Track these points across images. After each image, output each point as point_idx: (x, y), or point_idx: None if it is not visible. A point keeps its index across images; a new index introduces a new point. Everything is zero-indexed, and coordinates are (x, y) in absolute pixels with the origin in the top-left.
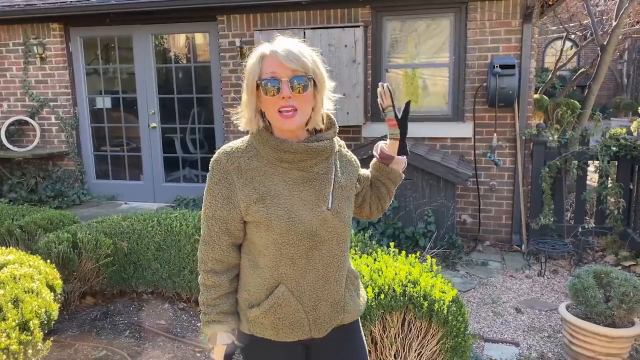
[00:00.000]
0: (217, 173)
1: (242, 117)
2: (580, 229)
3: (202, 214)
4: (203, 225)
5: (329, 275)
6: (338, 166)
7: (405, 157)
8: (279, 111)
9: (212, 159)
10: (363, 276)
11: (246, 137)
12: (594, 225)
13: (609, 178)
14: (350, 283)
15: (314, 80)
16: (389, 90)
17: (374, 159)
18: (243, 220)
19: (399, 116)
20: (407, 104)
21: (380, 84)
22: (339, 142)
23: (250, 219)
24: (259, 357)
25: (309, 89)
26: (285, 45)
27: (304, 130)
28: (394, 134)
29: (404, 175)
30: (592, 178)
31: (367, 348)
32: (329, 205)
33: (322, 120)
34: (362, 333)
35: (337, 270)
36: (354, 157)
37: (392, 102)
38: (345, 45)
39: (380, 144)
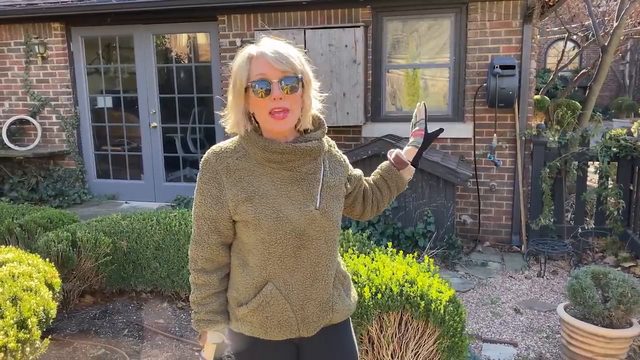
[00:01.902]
0: (206, 173)
1: (229, 119)
2: (580, 230)
3: (193, 214)
4: (194, 225)
5: (317, 275)
6: (327, 166)
7: (414, 169)
8: (270, 113)
9: (202, 159)
10: (360, 275)
11: (235, 138)
12: (593, 226)
13: (609, 179)
14: (338, 282)
15: (302, 81)
16: (424, 108)
17: (386, 162)
18: (232, 220)
19: (429, 131)
20: (439, 130)
21: (419, 103)
22: (329, 142)
23: (239, 218)
24: (249, 356)
25: (298, 90)
26: (272, 46)
27: (293, 130)
28: (417, 142)
29: (407, 186)
30: (592, 179)
31: (357, 348)
32: (317, 205)
33: (311, 120)
34: (353, 333)
35: (325, 270)
36: (343, 157)
37: (426, 118)
38: (346, 46)
39: (396, 150)
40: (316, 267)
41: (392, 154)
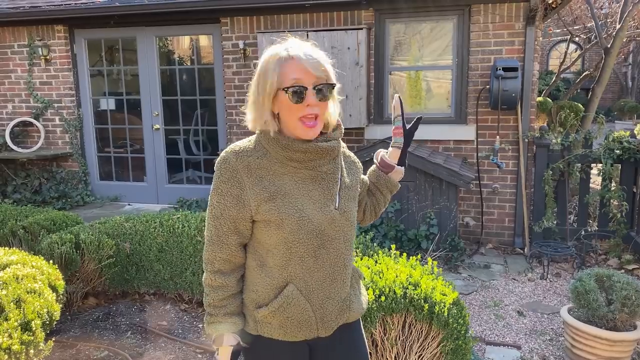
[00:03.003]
0: (225, 172)
1: (255, 118)
2: (583, 232)
3: (209, 214)
4: (209, 226)
5: (336, 274)
6: (343, 166)
7: (403, 168)
8: (301, 119)
9: (219, 159)
10: (364, 278)
11: (253, 137)
12: (597, 228)
13: (612, 181)
14: (355, 282)
15: (333, 87)
16: (400, 102)
17: (373, 166)
18: (252, 220)
19: (407, 127)
20: (418, 120)
21: (395, 95)
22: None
23: (260, 218)
24: (264, 358)
25: (329, 96)
26: (306, 50)
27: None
28: (398, 142)
29: (399, 185)
30: (595, 181)
31: (367, 348)
32: (337, 205)
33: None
34: (363, 333)
35: (343, 269)
36: (357, 159)
37: (402, 112)
38: (348, 48)
39: (382, 152)
40: (335, 266)
41: (377, 156)
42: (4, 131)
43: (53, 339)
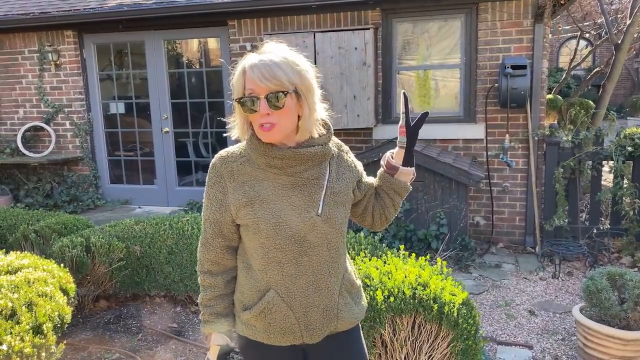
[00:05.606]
0: (212, 177)
1: (236, 125)
2: (595, 230)
3: (202, 217)
4: (202, 228)
5: (320, 282)
6: (334, 171)
7: (412, 168)
8: (260, 125)
9: (210, 164)
10: (372, 279)
11: (243, 143)
12: (609, 227)
13: (624, 178)
14: (345, 291)
15: (296, 91)
16: (405, 98)
17: (380, 168)
18: (235, 223)
19: (411, 124)
20: (422, 116)
21: (401, 92)
22: (340, 147)
23: (240, 222)
24: (254, 359)
25: (287, 103)
26: (263, 59)
27: (293, 137)
28: (402, 142)
29: (410, 188)
30: (607, 178)
31: (367, 357)
32: (319, 211)
33: (316, 126)
34: (363, 342)
35: (328, 277)
36: (355, 163)
37: (406, 109)
38: (355, 48)
39: (388, 153)
40: (318, 274)
41: (384, 159)
42: (16, 136)
43: (65, 341)
